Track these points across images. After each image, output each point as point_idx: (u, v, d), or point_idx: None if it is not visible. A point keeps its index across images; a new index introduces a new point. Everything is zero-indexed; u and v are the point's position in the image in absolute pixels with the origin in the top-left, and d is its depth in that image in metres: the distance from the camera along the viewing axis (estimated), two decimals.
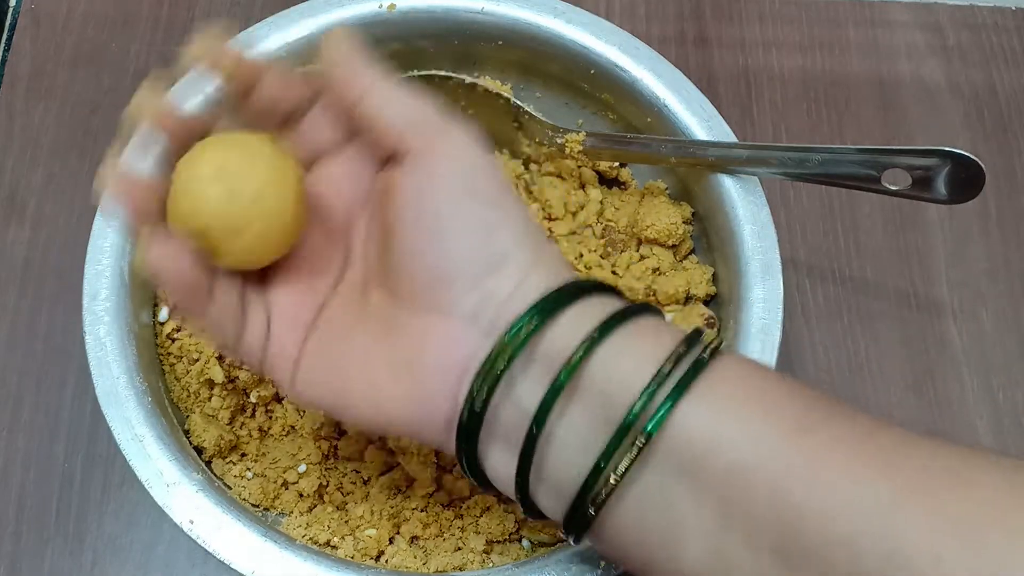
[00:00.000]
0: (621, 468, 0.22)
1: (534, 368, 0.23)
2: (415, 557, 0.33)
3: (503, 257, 0.24)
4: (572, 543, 0.24)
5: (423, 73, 0.38)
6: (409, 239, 0.24)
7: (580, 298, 0.24)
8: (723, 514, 0.21)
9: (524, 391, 0.23)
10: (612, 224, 0.39)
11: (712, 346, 0.23)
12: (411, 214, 0.24)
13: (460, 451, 0.25)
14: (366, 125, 0.26)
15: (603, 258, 0.39)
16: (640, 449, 0.22)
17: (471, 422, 0.24)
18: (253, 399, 0.36)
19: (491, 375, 0.23)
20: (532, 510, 0.25)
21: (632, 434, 0.22)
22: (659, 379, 0.22)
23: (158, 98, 0.26)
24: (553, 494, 0.24)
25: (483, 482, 0.26)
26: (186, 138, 0.26)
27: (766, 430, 0.22)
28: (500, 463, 0.25)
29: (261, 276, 0.27)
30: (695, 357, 0.23)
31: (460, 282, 0.24)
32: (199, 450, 0.35)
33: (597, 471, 0.22)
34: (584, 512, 0.23)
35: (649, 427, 0.22)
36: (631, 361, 0.23)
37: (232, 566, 0.30)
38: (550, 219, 0.39)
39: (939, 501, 0.20)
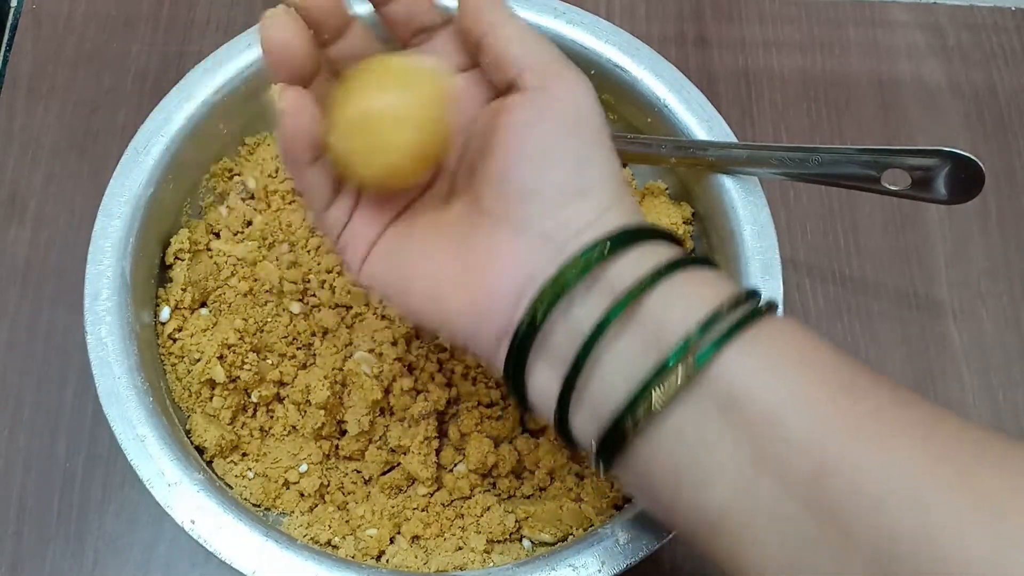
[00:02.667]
0: (666, 393, 0.23)
1: (596, 291, 0.24)
2: (416, 557, 0.34)
3: (588, 190, 0.25)
4: (600, 472, 0.25)
5: None
6: (508, 158, 0.26)
7: (650, 239, 0.25)
8: (757, 457, 0.22)
9: (581, 312, 0.24)
10: None
11: (768, 303, 0.24)
12: (515, 138, 0.26)
13: (508, 363, 0.26)
14: (490, 57, 0.27)
15: None
16: (688, 377, 0.22)
17: (528, 333, 0.25)
18: (254, 399, 0.36)
19: (556, 287, 0.24)
20: (566, 433, 0.26)
21: (680, 363, 0.23)
22: (715, 317, 0.23)
23: None
24: (591, 417, 0.25)
25: (522, 399, 0.26)
26: (322, 24, 0.27)
27: (810, 387, 0.22)
28: (544, 380, 0.25)
29: None
30: (751, 307, 0.24)
31: (544, 202, 0.25)
32: (200, 450, 0.35)
33: (641, 394, 0.23)
34: (622, 433, 0.23)
35: (699, 358, 0.22)
36: (690, 300, 0.24)
37: (233, 566, 0.30)
38: None
39: (967, 475, 0.20)
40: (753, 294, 0.24)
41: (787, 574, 0.22)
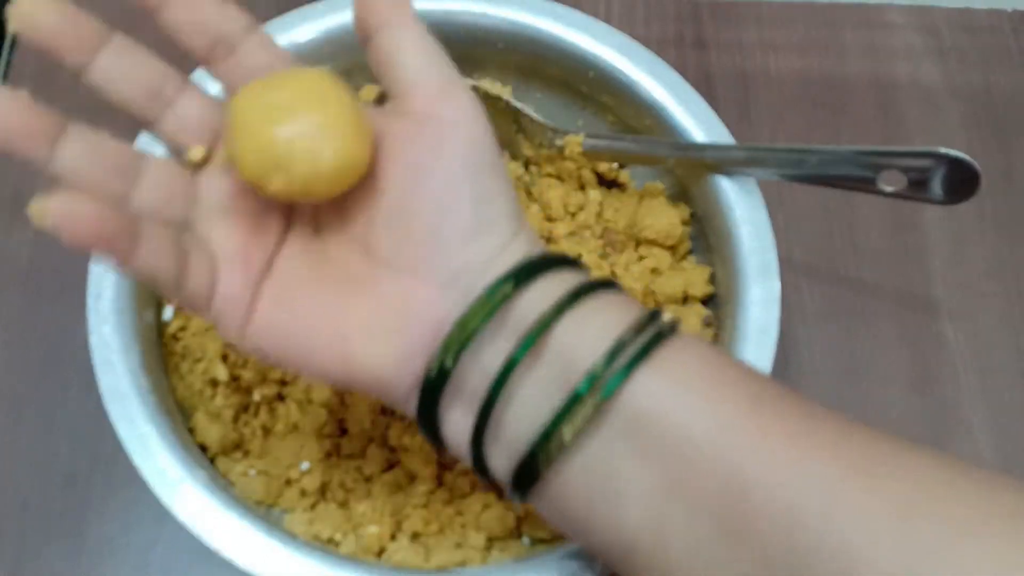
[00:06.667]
0: (575, 427, 0.23)
1: (503, 331, 0.24)
2: (417, 554, 0.34)
3: (490, 225, 0.25)
4: (516, 503, 0.25)
5: None
6: (406, 202, 0.24)
7: (552, 269, 0.25)
8: (668, 480, 0.22)
9: (491, 352, 0.24)
10: (611, 225, 0.40)
11: (671, 324, 0.24)
12: (413, 180, 0.24)
13: (422, 409, 0.25)
14: (379, 57, 0.25)
15: (602, 259, 0.39)
16: (595, 410, 0.22)
17: (438, 380, 0.24)
18: (256, 398, 0.36)
19: (464, 332, 0.24)
20: (482, 470, 0.25)
21: (589, 396, 0.23)
22: (619, 347, 0.23)
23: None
24: (506, 454, 0.24)
25: (436, 440, 0.26)
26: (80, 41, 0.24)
27: (717, 405, 0.22)
28: (458, 423, 0.25)
29: (203, 220, 0.26)
30: (655, 331, 0.24)
31: (448, 244, 0.24)
32: (203, 448, 0.35)
33: (551, 430, 0.23)
34: (534, 469, 0.23)
35: (605, 390, 0.22)
36: (595, 329, 0.24)
37: (235, 563, 0.30)
38: (550, 220, 0.40)
39: (878, 483, 0.21)
40: (655, 315, 0.24)
41: None
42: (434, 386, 0.24)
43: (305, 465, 0.35)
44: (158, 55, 0.26)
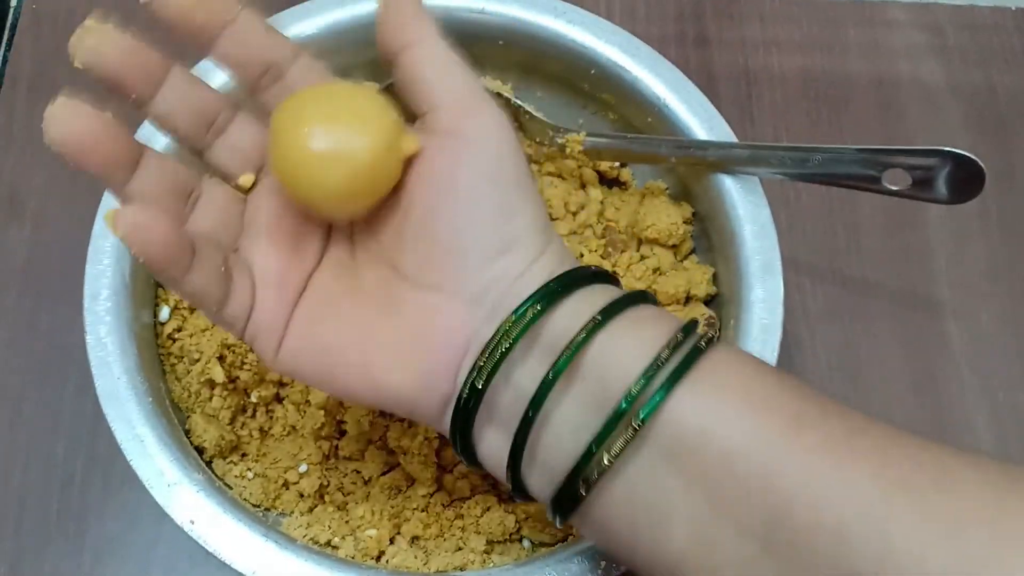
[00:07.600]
0: (614, 451, 0.22)
1: (535, 351, 0.24)
2: (416, 557, 0.34)
3: (515, 241, 0.24)
4: (557, 524, 0.25)
5: None
6: (427, 216, 0.24)
7: (583, 285, 0.24)
8: (712, 500, 0.22)
9: (523, 373, 0.24)
10: (613, 224, 0.39)
11: (709, 336, 0.24)
12: (433, 194, 0.24)
13: (455, 431, 0.25)
14: (405, 77, 0.25)
15: (603, 258, 0.39)
16: (635, 433, 0.22)
17: (469, 402, 0.24)
18: (254, 399, 0.36)
19: (494, 355, 0.23)
20: (521, 491, 0.25)
21: (627, 418, 0.22)
22: (656, 366, 0.22)
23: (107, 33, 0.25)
24: (544, 475, 0.24)
25: (473, 462, 0.26)
26: (139, 73, 0.25)
27: (759, 421, 0.22)
28: (493, 444, 0.25)
29: (246, 243, 0.26)
30: (692, 345, 0.23)
31: (471, 261, 0.24)
32: (200, 450, 0.35)
33: (590, 453, 0.23)
34: (574, 492, 0.23)
35: (644, 412, 0.22)
36: (629, 347, 0.23)
37: (233, 566, 0.30)
38: (551, 219, 0.39)
39: (926, 498, 0.20)
40: (693, 326, 0.24)
41: None
42: (466, 408, 0.24)
43: (303, 467, 0.35)
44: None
